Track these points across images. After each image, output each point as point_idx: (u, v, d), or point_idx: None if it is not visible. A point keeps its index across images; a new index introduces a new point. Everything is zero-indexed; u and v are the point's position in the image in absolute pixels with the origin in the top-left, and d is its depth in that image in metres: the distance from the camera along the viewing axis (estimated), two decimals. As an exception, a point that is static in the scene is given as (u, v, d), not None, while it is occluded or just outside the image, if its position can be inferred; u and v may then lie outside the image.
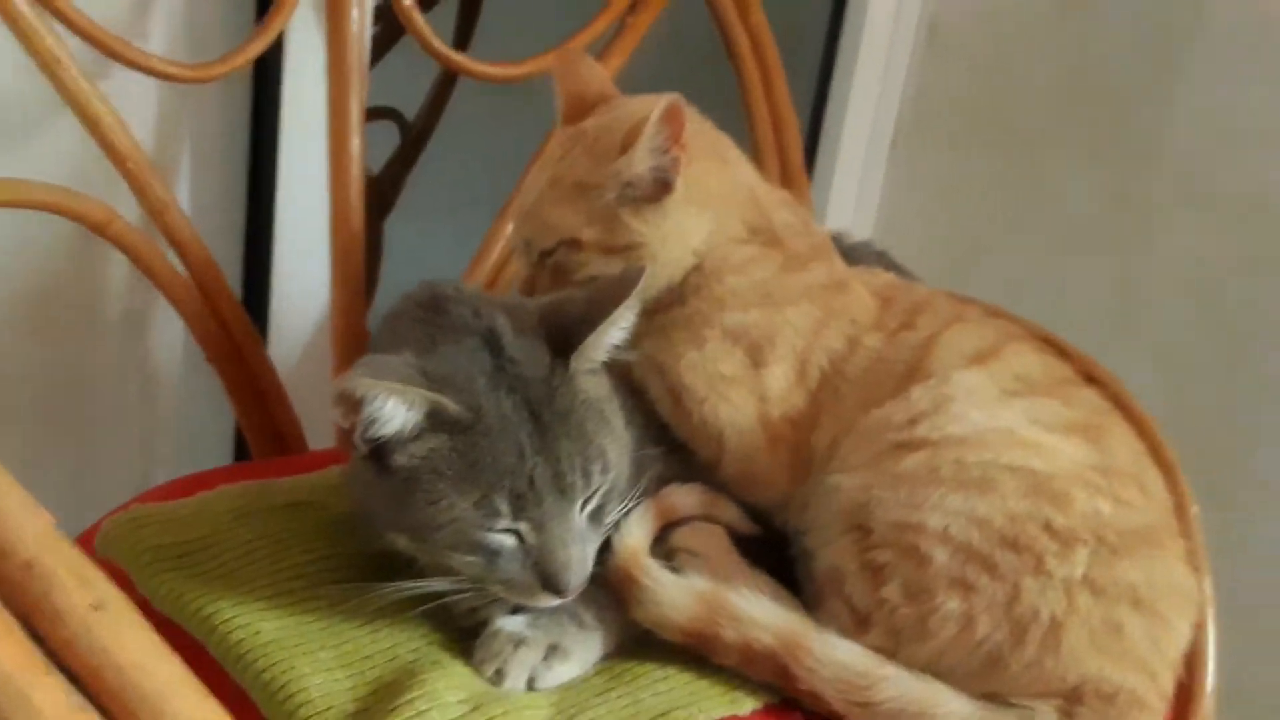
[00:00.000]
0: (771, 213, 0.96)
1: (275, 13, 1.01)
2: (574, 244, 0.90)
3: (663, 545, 0.87)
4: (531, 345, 0.78)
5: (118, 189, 0.98)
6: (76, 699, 0.44)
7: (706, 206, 0.92)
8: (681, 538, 0.88)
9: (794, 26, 1.68)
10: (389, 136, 1.60)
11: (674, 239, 0.90)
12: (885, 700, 0.78)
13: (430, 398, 0.72)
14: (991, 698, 0.80)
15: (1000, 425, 0.86)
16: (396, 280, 1.40)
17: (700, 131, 0.94)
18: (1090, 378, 0.96)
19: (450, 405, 0.73)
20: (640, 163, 0.87)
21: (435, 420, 0.73)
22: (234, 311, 1.04)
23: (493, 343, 0.77)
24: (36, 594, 0.46)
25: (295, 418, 1.14)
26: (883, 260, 1.12)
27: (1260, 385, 1.48)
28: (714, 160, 0.95)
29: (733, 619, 0.80)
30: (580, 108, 0.96)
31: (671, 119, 0.86)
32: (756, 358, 0.91)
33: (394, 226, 1.58)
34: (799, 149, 1.39)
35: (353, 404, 0.71)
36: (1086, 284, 1.64)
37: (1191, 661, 0.97)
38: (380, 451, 0.75)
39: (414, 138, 1.56)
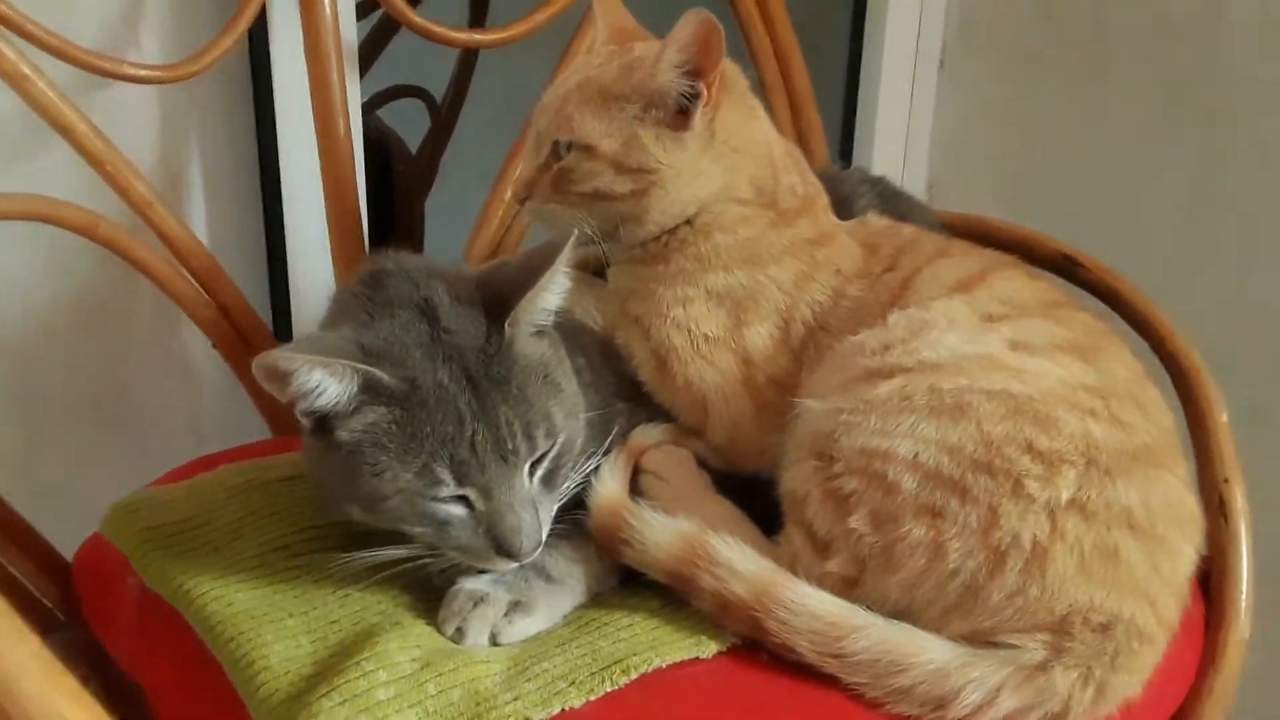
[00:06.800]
0: (781, 175, 0.94)
1: (241, 9, 1.03)
2: (589, 151, 0.89)
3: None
4: (468, 314, 0.78)
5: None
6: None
7: (722, 158, 0.91)
8: (648, 459, 0.88)
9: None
10: (424, 118, 1.63)
11: (686, 177, 0.89)
12: (860, 651, 0.76)
13: (359, 369, 0.73)
14: (976, 638, 0.77)
15: (978, 351, 0.83)
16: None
17: (735, 78, 0.93)
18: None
19: (383, 377, 0.73)
20: (664, 74, 0.87)
21: (372, 393, 0.74)
22: (234, 298, 1.07)
23: (429, 313, 0.78)
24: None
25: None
26: (878, 187, 1.09)
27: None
28: (742, 110, 0.93)
29: (710, 563, 0.79)
30: (622, 38, 0.97)
31: (705, 38, 0.85)
32: (739, 317, 0.90)
33: (434, 203, 1.61)
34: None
35: (278, 377, 0.72)
36: (1156, 205, 1.54)
37: (1220, 582, 0.93)
38: (325, 427, 0.76)
39: (444, 116, 1.58)
